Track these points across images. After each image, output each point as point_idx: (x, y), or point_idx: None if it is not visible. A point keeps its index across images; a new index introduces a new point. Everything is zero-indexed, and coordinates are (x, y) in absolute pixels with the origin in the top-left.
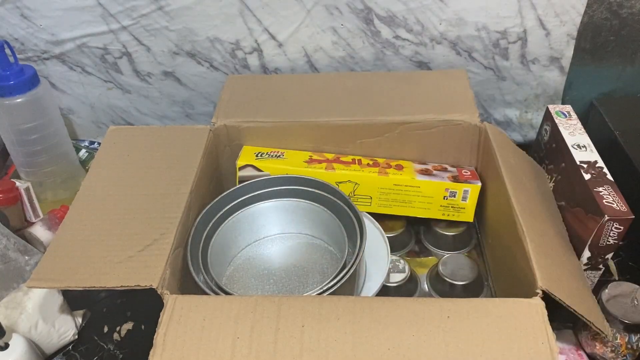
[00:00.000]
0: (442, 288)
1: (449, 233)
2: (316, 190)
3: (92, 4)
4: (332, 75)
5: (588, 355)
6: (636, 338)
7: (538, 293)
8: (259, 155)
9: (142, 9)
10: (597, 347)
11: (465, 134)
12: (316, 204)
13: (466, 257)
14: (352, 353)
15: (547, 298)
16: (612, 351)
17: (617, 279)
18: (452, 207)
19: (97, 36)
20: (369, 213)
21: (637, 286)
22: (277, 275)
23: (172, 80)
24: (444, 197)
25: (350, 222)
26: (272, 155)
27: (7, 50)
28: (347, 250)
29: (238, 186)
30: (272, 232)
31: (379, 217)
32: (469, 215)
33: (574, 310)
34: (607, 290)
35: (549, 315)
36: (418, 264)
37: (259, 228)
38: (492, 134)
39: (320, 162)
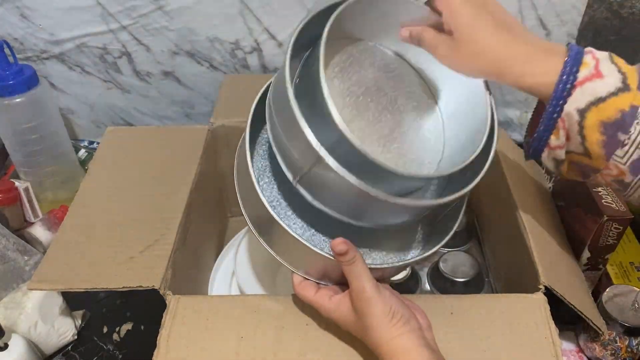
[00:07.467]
0: (443, 285)
1: None
2: None
3: (91, 3)
4: None
5: (588, 358)
6: (636, 342)
7: (540, 289)
8: None
9: (141, 8)
10: (597, 350)
11: None
12: None
13: (466, 254)
14: (357, 351)
15: (547, 298)
16: (611, 354)
17: None
18: None
19: (97, 36)
20: None
21: (637, 289)
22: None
23: (172, 80)
24: None
25: None
26: None
27: (7, 50)
28: None
29: None
30: None
31: None
32: None
33: (573, 306)
34: (606, 292)
35: None
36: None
37: None
38: None
39: None
